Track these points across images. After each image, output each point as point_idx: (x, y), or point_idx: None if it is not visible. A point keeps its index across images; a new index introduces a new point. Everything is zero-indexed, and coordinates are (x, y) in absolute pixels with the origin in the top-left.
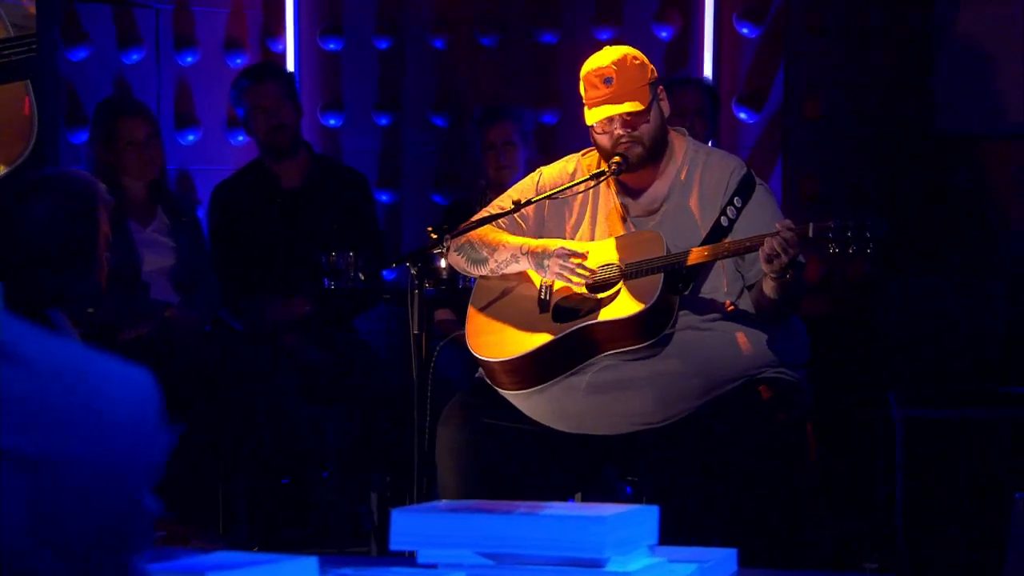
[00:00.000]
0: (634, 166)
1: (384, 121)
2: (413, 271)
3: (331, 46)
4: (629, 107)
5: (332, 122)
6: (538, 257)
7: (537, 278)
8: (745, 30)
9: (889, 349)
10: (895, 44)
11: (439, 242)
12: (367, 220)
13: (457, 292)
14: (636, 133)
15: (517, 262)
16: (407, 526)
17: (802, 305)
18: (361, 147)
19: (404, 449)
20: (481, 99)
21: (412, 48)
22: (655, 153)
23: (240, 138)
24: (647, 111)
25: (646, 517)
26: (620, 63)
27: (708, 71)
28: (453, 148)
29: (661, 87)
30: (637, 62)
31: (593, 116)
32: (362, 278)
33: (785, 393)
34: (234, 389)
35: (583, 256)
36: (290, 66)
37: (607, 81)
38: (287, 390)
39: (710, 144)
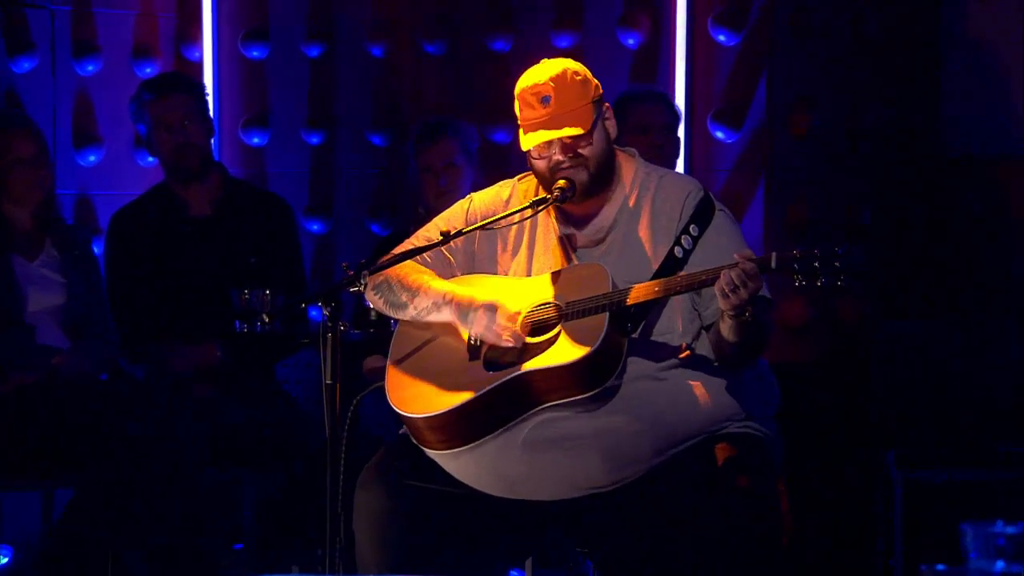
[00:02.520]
0: (578, 194)
1: (315, 139)
2: (326, 311)
3: (255, 53)
4: (570, 131)
5: (256, 140)
6: (463, 309)
7: None
8: (722, 37)
9: (888, 401)
10: (896, 51)
11: (355, 279)
12: (288, 253)
13: (389, 336)
14: (577, 158)
15: (439, 311)
16: None
17: (787, 350)
18: (288, 169)
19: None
20: (425, 114)
21: (347, 56)
22: (601, 178)
23: (150, 159)
24: (589, 133)
25: None
26: (559, 79)
27: (680, 83)
28: (393, 171)
29: (607, 105)
30: (579, 78)
31: (529, 140)
32: (266, 320)
33: (751, 451)
34: (133, 448)
35: (514, 316)
36: (208, 76)
37: (544, 100)
38: (195, 449)
39: (678, 165)
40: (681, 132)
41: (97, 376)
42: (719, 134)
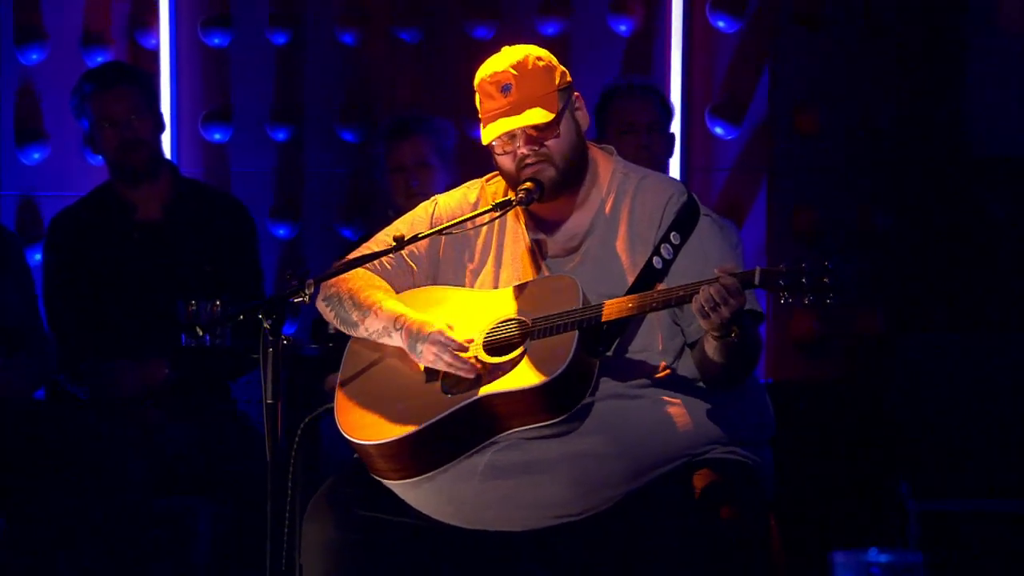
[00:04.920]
0: (547, 193)
1: (281, 135)
2: (266, 324)
3: (216, 41)
4: (532, 118)
5: (217, 136)
6: (412, 338)
7: None
8: (722, 23)
9: (905, 424)
10: (915, 39)
11: (299, 288)
12: (246, 260)
13: None
14: (544, 151)
15: (390, 336)
16: None
17: (794, 367)
18: (253, 167)
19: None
20: (399, 107)
21: (315, 44)
22: (571, 176)
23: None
24: (556, 123)
25: None
26: (520, 66)
27: (676, 74)
28: (366, 170)
29: (577, 94)
30: (542, 64)
31: (490, 132)
32: (200, 333)
33: (735, 478)
34: (71, 474)
35: (464, 346)
36: (165, 65)
37: (505, 89)
38: (140, 476)
39: (673, 163)
40: (677, 128)
41: (32, 396)
42: (718, 130)
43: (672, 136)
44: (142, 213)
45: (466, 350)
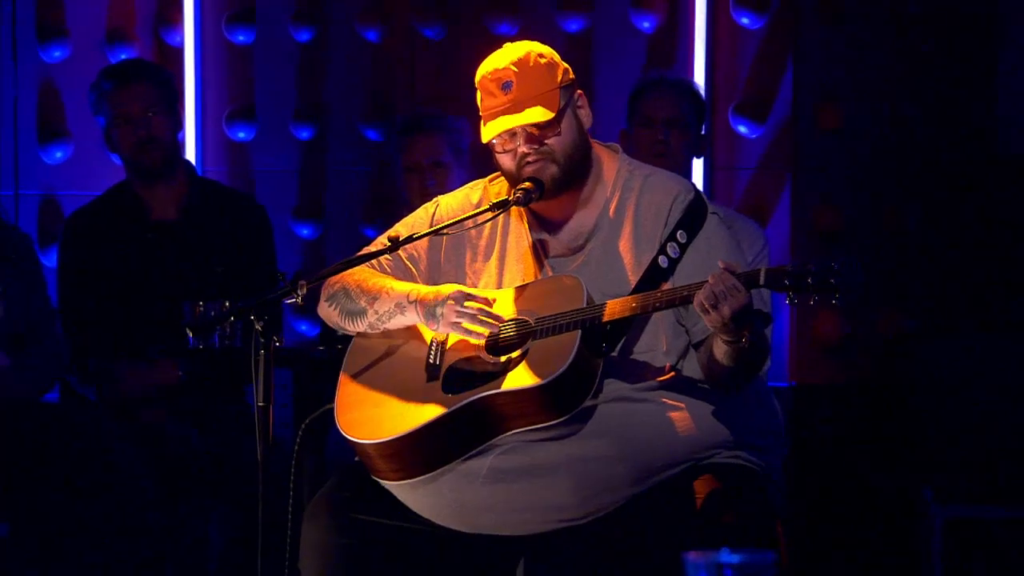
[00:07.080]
0: (548, 192)
1: (305, 134)
2: (258, 326)
3: (240, 38)
4: (532, 116)
5: (241, 135)
6: (428, 306)
7: (428, 335)
8: (746, 19)
9: (929, 429)
10: (944, 33)
11: (292, 289)
12: (262, 262)
13: None
14: (544, 148)
15: (403, 313)
16: None
17: (816, 370)
18: (276, 166)
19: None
20: (421, 104)
21: (339, 41)
22: (573, 174)
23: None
24: (556, 121)
25: None
26: (522, 63)
27: (700, 71)
28: (389, 168)
29: (580, 92)
30: (544, 61)
31: (490, 130)
32: (190, 334)
33: (740, 484)
34: (78, 479)
35: (486, 300)
36: (190, 62)
37: (506, 87)
38: (150, 481)
39: (696, 162)
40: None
41: (40, 396)
42: (742, 128)
43: (701, 136)
44: (158, 213)
45: (489, 303)
